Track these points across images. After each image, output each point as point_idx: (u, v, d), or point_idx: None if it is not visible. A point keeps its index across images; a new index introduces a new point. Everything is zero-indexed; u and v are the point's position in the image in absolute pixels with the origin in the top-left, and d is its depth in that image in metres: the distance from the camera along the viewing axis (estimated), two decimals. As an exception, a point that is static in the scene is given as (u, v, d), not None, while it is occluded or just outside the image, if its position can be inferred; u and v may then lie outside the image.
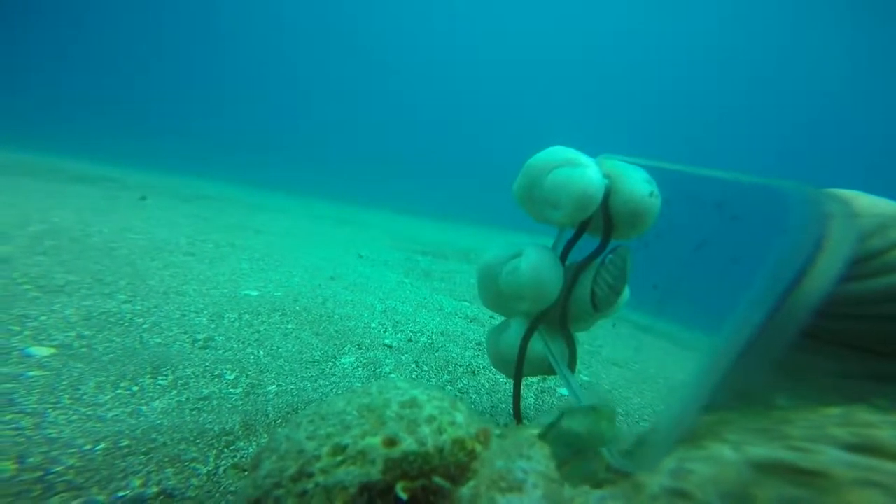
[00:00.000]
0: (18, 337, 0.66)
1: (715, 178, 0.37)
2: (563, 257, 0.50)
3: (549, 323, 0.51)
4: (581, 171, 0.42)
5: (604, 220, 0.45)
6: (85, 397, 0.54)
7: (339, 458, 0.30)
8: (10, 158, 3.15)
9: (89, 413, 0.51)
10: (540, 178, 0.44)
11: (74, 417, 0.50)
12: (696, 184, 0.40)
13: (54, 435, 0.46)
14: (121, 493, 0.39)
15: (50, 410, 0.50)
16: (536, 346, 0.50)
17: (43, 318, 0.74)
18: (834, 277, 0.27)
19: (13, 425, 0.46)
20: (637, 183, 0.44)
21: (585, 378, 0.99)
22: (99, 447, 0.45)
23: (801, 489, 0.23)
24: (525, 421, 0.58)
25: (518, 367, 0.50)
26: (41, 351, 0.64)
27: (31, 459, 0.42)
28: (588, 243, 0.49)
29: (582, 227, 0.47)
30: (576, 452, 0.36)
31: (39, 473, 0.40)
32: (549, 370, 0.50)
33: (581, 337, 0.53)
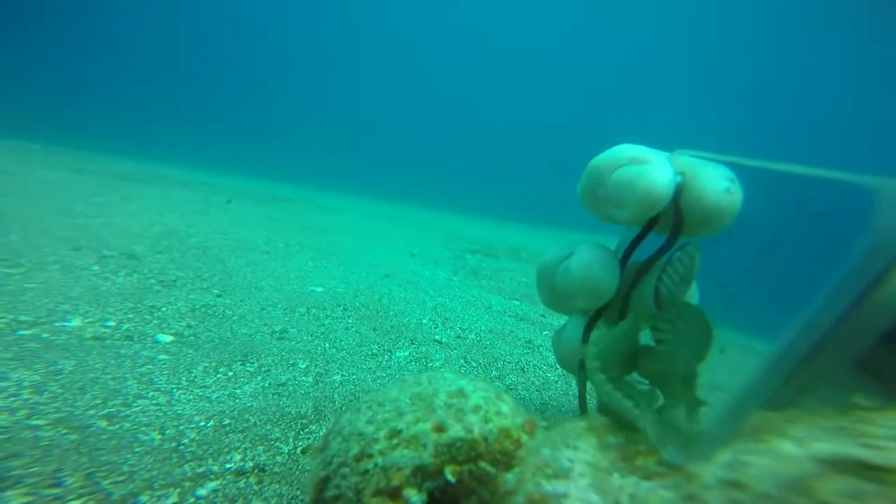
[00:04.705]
0: (150, 325, 0.84)
1: (796, 175, 0.34)
2: (628, 255, 0.48)
3: (608, 321, 0.50)
4: (647, 168, 0.41)
5: (674, 217, 0.43)
6: (197, 380, 0.67)
7: (395, 441, 0.34)
8: (140, 168, 3.84)
9: (200, 394, 0.63)
10: (604, 178, 0.44)
11: (191, 397, 0.62)
12: (770, 180, 0.37)
13: (180, 411, 0.58)
14: (227, 466, 0.49)
15: (175, 390, 0.63)
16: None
17: (164, 308, 0.92)
18: None
19: (154, 401, 0.60)
20: (712, 180, 0.41)
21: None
22: (209, 424, 0.56)
23: (869, 483, 0.23)
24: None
25: (582, 365, 0.50)
26: (165, 338, 0.80)
27: (168, 431, 0.54)
28: (656, 241, 0.47)
29: (649, 225, 0.46)
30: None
31: (174, 444, 0.52)
32: None
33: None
